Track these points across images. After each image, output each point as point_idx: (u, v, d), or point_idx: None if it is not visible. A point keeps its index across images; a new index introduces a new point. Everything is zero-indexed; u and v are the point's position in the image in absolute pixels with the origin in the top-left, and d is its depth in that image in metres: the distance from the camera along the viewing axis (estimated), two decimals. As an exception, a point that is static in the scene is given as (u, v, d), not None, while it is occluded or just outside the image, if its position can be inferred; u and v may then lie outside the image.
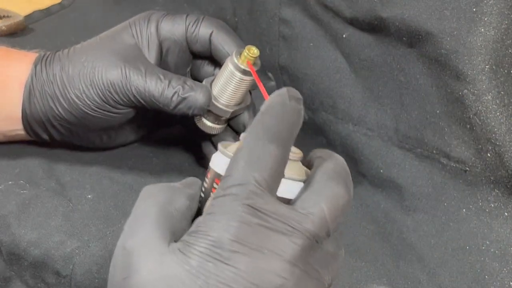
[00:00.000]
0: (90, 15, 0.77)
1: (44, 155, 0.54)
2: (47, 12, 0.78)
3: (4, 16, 0.73)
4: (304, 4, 0.56)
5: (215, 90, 0.49)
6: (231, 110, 0.49)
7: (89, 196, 0.51)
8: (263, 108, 0.34)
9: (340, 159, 0.36)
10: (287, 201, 0.34)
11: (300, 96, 0.35)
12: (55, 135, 0.52)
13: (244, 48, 0.47)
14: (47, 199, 0.50)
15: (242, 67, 0.47)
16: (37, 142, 0.54)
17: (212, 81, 0.50)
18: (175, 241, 0.33)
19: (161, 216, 0.33)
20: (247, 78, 0.48)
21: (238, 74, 0.47)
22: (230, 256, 0.31)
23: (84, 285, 0.45)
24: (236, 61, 0.47)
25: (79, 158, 0.54)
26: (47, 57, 0.51)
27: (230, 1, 0.66)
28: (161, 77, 0.48)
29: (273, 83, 0.64)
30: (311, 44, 0.57)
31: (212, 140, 0.53)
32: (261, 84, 0.41)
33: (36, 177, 0.52)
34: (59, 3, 0.79)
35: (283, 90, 0.35)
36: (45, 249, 0.46)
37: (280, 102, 0.34)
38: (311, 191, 0.34)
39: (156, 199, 0.34)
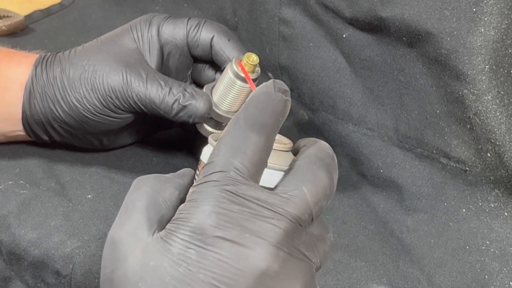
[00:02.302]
0: (90, 15, 0.77)
1: (44, 155, 0.54)
2: (47, 12, 0.78)
3: (4, 16, 0.73)
4: (304, 4, 0.56)
5: (216, 97, 0.49)
6: (231, 117, 0.49)
7: (89, 196, 0.51)
8: (248, 98, 0.35)
9: (323, 145, 0.36)
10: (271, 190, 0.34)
11: (287, 88, 0.35)
12: (55, 137, 0.52)
13: (244, 55, 0.47)
14: (47, 199, 0.50)
15: (242, 74, 0.47)
16: (37, 143, 0.54)
17: (213, 87, 0.50)
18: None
19: (149, 206, 0.33)
20: (247, 85, 0.47)
21: (238, 82, 0.47)
22: (211, 242, 0.31)
23: (84, 285, 0.45)
24: (235, 68, 0.47)
25: (79, 158, 0.54)
26: (48, 59, 0.51)
27: (230, 1, 0.66)
28: (162, 83, 0.48)
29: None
30: (311, 44, 0.57)
31: None
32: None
33: (36, 177, 0.52)
34: (59, 3, 0.79)
35: (269, 81, 0.35)
36: (45, 249, 0.46)
37: (264, 92, 0.34)
38: (292, 176, 0.34)
39: (145, 189, 0.34)
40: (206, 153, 0.38)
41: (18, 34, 0.73)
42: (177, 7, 0.74)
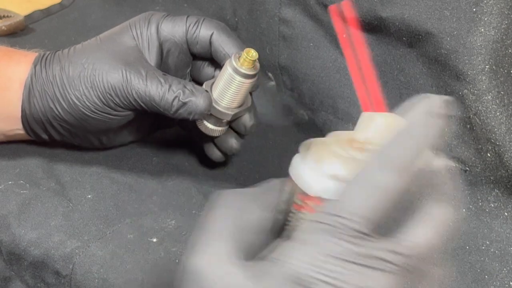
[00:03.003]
0: (90, 15, 0.77)
1: (44, 155, 0.54)
2: (47, 12, 0.78)
3: (4, 16, 0.73)
4: (304, 4, 0.56)
5: (215, 93, 0.49)
6: (232, 113, 0.49)
7: (89, 196, 0.51)
8: (397, 129, 0.29)
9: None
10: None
11: (447, 109, 0.30)
12: (54, 135, 0.52)
13: (243, 51, 0.47)
14: (47, 199, 0.50)
15: (241, 70, 0.47)
16: (37, 142, 0.54)
17: (212, 84, 0.50)
18: (250, 257, 0.29)
19: (234, 231, 0.30)
20: (247, 81, 0.48)
21: (238, 77, 0.47)
22: None
23: (84, 285, 0.45)
24: (235, 64, 0.47)
25: (79, 158, 0.54)
26: (47, 57, 0.51)
27: (230, 1, 0.66)
28: (162, 81, 0.48)
29: (273, 83, 0.64)
30: (311, 44, 0.57)
31: (214, 141, 0.53)
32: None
33: (36, 177, 0.52)
34: (59, 3, 0.79)
35: (428, 104, 0.30)
36: (45, 249, 0.46)
37: (422, 124, 0.30)
38: (414, 218, 0.29)
39: (229, 210, 0.31)
40: (298, 173, 0.33)
41: (18, 34, 0.73)
42: (177, 7, 0.74)
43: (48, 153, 0.54)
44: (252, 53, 0.47)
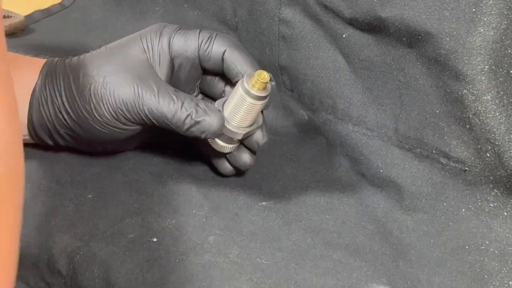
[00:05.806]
0: (90, 15, 0.77)
1: (44, 155, 0.54)
2: (47, 12, 0.78)
3: (4, 16, 0.73)
4: (304, 4, 0.57)
5: (227, 112, 0.49)
6: (243, 132, 0.49)
7: (89, 196, 0.51)
8: None
9: None
10: None
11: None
12: (59, 141, 0.52)
13: (255, 72, 0.47)
14: (47, 198, 0.50)
15: (252, 92, 0.47)
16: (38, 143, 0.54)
17: (224, 102, 0.50)
18: None
19: None
20: (258, 102, 0.47)
21: (249, 99, 0.47)
22: None
23: (84, 285, 0.45)
24: (246, 86, 0.47)
25: (79, 158, 0.55)
26: (55, 64, 0.51)
27: (230, 1, 0.66)
28: (174, 97, 0.47)
29: (273, 83, 0.64)
30: (311, 44, 0.58)
31: (226, 157, 0.52)
32: None
33: (37, 177, 0.52)
34: (60, 3, 0.79)
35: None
36: (45, 249, 0.46)
37: None
38: None
39: None
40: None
41: (19, 34, 0.73)
42: (177, 7, 0.74)
43: (49, 153, 0.54)
44: (264, 75, 0.47)
